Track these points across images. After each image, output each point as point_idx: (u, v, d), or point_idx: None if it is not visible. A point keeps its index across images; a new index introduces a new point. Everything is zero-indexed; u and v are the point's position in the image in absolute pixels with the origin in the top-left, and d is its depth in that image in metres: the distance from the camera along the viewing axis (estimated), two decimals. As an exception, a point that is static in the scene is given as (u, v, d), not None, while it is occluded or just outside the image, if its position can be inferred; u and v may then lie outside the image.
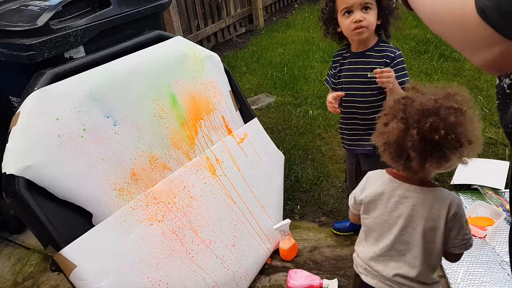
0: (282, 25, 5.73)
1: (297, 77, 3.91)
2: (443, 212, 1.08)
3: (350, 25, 1.58)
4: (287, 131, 3.10)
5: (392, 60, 1.62)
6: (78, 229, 1.44)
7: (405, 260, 1.15)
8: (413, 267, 1.14)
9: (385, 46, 1.65)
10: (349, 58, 1.73)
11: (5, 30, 1.60)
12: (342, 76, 1.77)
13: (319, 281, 1.87)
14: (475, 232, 1.99)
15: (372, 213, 1.19)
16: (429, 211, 1.09)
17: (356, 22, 1.56)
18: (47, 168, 1.40)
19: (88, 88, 1.55)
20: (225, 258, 1.80)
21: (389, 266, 1.16)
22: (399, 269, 1.15)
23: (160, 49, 1.86)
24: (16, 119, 1.40)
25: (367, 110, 1.72)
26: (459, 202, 1.10)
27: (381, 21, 1.63)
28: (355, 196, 1.25)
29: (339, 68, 1.78)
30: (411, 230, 1.12)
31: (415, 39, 4.52)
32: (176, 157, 1.80)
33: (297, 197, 2.44)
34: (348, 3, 1.56)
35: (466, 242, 1.10)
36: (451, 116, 0.97)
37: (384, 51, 1.64)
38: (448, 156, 1.00)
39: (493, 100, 3.13)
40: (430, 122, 0.97)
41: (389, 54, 1.63)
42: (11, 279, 2.09)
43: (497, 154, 2.56)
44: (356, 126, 1.79)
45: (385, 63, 1.63)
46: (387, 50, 1.64)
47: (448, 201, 1.08)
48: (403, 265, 1.15)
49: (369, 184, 1.21)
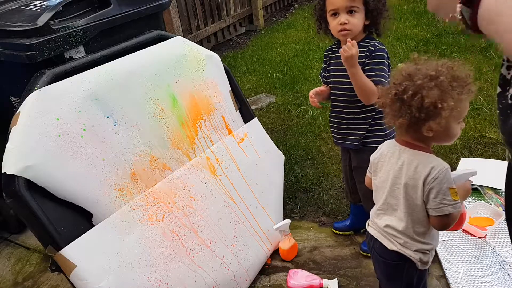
0: (282, 25, 5.73)
1: (297, 77, 3.91)
2: (423, 173, 1.17)
3: (336, 26, 1.63)
4: (287, 131, 3.10)
5: (371, 53, 1.62)
6: (78, 229, 1.44)
7: (395, 215, 1.28)
8: (400, 220, 1.26)
9: (369, 41, 1.65)
10: (336, 53, 1.74)
11: (5, 30, 1.60)
12: (331, 70, 1.79)
13: (319, 281, 1.87)
14: (475, 232, 1.99)
15: (378, 173, 1.32)
16: (413, 171, 1.19)
17: (341, 24, 1.60)
18: (47, 168, 1.40)
19: (88, 88, 1.55)
20: (225, 258, 1.80)
21: (383, 219, 1.32)
22: (389, 221, 1.29)
23: (160, 49, 1.86)
24: (16, 119, 1.40)
25: (351, 105, 1.73)
26: (444, 169, 1.16)
27: (370, 21, 1.63)
28: (371, 160, 1.37)
29: (329, 63, 1.81)
30: (398, 186, 1.24)
31: (415, 39, 4.52)
32: (176, 157, 1.80)
33: (297, 197, 2.44)
34: (335, 5, 1.60)
35: (442, 207, 1.16)
36: (419, 80, 1.09)
37: (367, 45, 1.64)
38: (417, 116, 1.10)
39: (493, 100, 3.13)
40: (405, 84, 1.11)
41: (370, 48, 1.63)
42: (11, 279, 2.09)
43: (497, 154, 2.56)
44: (342, 120, 1.81)
45: (365, 56, 1.63)
46: (370, 43, 1.64)
47: (432, 164, 1.16)
48: (393, 219, 1.28)
49: (380, 149, 1.33)
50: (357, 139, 1.78)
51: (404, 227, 1.25)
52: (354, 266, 1.97)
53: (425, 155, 1.20)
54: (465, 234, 2.00)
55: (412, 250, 1.26)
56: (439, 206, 1.17)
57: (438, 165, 1.16)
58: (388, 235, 1.30)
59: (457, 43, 4.28)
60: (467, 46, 4.19)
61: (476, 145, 2.66)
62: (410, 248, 1.26)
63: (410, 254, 1.26)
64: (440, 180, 1.15)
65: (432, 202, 1.17)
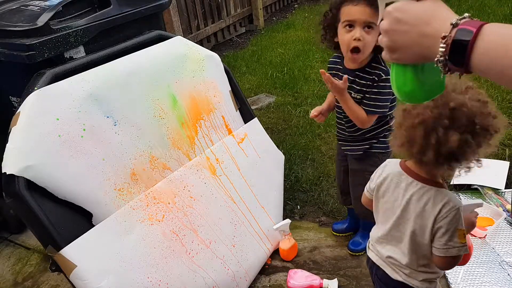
0: (282, 25, 5.73)
1: (297, 77, 3.91)
2: (433, 213, 1.09)
3: (348, 41, 1.49)
4: (287, 131, 3.10)
5: (373, 82, 1.56)
6: (78, 229, 1.44)
7: (399, 247, 1.21)
8: (404, 255, 1.20)
9: (376, 66, 1.56)
10: (341, 72, 1.66)
11: (5, 30, 1.60)
12: None
13: (319, 281, 1.87)
14: (475, 232, 1.99)
15: (381, 199, 1.25)
16: (422, 209, 1.11)
17: (355, 39, 1.47)
18: (47, 168, 1.40)
19: (88, 88, 1.55)
20: (225, 258, 1.80)
21: (385, 248, 1.26)
22: (392, 252, 1.23)
23: (160, 49, 1.86)
24: (16, 119, 1.40)
25: (351, 124, 1.70)
26: (455, 208, 1.08)
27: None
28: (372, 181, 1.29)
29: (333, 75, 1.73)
30: (405, 221, 1.17)
31: (415, 39, 4.51)
32: (176, 157, 1.80)
33: (297, 197, 2.44)
34: (352, 16, 1.47)
35: (448, 248, 1.09)
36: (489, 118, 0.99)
37: (372, 72, 1.57)
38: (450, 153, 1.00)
39: (493, 100, 3.13)
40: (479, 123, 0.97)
41: (375, 77, 1.55)
42: (11, 279, 2.09)
43: (497, 154, 2.56)
44: (344, 133, 1.80)
45: (367, 85, 1.58)
46: (377, 71, 1.56)
47: (443, 202, 1.09)
48: (397, 251, 1.22)
49: (384, 173, 1.24)
50: (360, 149, 1.77)
51: (408, 262, 1.19)
52: (354, 266, 1.97)
53: (436, 190, 1.11)
54: (465, 234, 2.00)
55: (418, 280, 1.20)
56: (444, 247, 1.09)
57: (449, 202, 1.08)
58: (392, 264, 1.24)
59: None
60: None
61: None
62: (416, 278, 1.20)
63: (416, 284, 1.20)
64: (450, 219, 1.07)
65: (438, 242, 1.10)
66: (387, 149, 1.73)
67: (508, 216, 2.08)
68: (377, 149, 1.75)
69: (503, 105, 3.06)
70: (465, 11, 4.80)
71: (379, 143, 1.74)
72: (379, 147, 1.75)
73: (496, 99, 3.13)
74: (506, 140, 2.67)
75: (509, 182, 2.33)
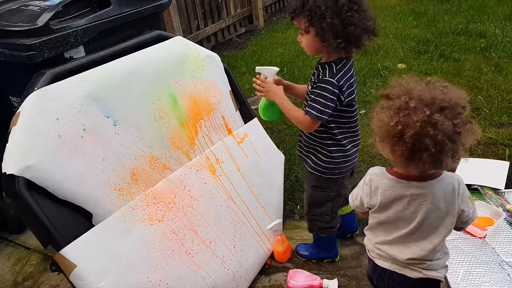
0: (282, 25, 5.73)
1: (297, 77, 3.91)
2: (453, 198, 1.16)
3: None
4: (287, 131, 3.10)
5: (315, 82, 1.55)
6: (78, 229, 1.44)
7: (419, 246, 1.22)
8: (424, 250, 1.21)
9: (320, 68, 1.55)
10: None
11: (5, 30, 1.60)
12: None
13: (319, 281, 1.87)
14: (475, 232, 1.99)
15: (384, 212, 1.24)
16: (444, 200, 1.16)
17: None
18: (47, 168, 1.40)
19: (88, 88, 1.55)
20: (225, 258, 1.80)
21: (403, 252, 1.24)
22: (411, 254, 1.23)
23: (160, 49, 1.86)
24: (16, 119, 1.40)
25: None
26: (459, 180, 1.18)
27: (323, 42, 1.46)
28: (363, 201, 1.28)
29: None
30: (428, 222, 1.19)
31: (415, 39, 4.52)
32: (176, 157, 1.80)
33: (297, 197, 2.44)
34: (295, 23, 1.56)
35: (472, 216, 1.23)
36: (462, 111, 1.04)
37: (317, 72, 1.56)
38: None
39: (493, 100, 3.13)
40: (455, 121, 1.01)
41: (317, 77, 1.54)
42: (11, 279, 2.09)
43: (497, 154, 2.56)
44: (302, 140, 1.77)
45: (318, 78, 1.55)
46: (321, 71, 1.54)
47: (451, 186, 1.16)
48: (416, 249, 1.22)
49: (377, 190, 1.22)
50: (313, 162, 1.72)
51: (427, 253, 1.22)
52: (354, 266, 1.97)
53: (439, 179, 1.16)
54: (465, 234, 2.00)
55: (436, 270, 1.24)
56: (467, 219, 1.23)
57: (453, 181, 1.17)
58: (411, 265, 1.25)
59: (457, 43, 4.28)
60: (467, 46, 4.19)
61: (476, 145, 2.66)
62: (435, 268, 1.24)
63: (436, 275, 1.24)
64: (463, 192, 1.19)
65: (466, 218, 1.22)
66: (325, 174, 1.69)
67: (508, 216, 2.08)
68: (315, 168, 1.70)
69: (503, 105, 3.06)
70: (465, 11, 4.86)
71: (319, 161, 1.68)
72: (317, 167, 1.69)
73: (496, 99, 3.14)
74: (506, 140, 2.67)
75: (509, 182, 2.33)
